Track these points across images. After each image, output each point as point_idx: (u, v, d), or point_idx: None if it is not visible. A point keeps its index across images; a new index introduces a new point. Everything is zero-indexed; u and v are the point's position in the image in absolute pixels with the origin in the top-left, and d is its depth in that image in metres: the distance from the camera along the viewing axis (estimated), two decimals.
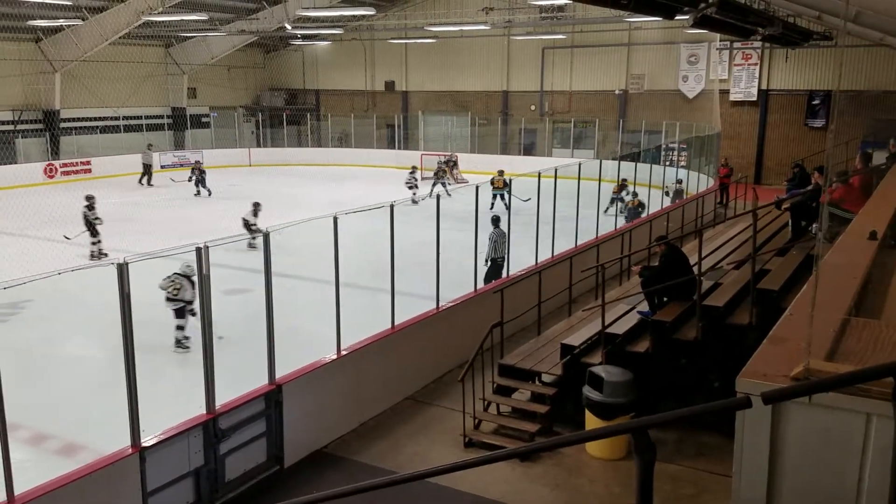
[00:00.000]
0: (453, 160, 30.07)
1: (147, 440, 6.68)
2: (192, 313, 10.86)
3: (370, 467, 8.18)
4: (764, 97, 30.35)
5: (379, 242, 9.80)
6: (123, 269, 6.27)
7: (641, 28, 30.82)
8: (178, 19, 28.96)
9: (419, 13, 34.22)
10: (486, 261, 12.99)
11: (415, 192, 22.94)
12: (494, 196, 21.53)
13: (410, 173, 25.21)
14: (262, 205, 17.96)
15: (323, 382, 8.65)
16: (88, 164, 30.63)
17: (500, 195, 21.40)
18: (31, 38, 29.43)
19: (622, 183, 20.84)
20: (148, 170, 29.38)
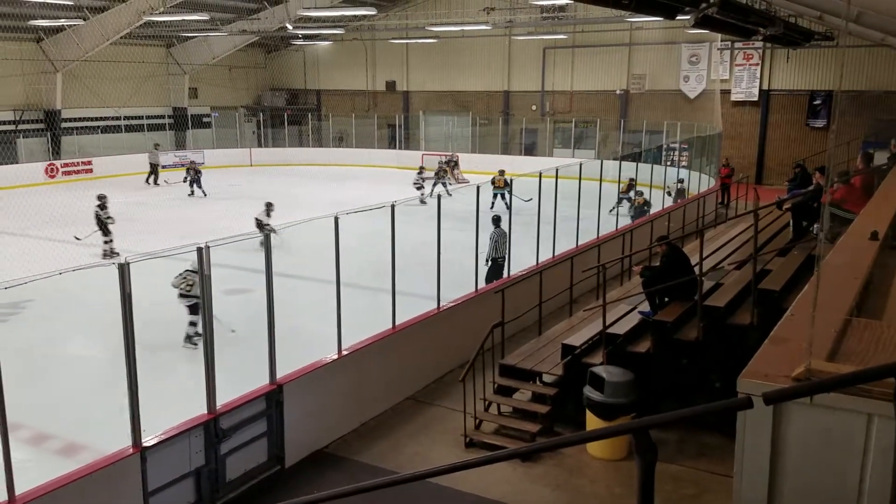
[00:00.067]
0: (454, 160, 30.11)
1: (148, 440, 6.68)
2: None
3: (371, 467, 8.18)
4: (765, 97, 30.33)
5: (380, 242, 9.79)
6: (124, 269, 6.29)
7: (643, 28, 30.84)
8: (179, 19, 28.98)
9: (420, 13, 34.21)
10: (487, 260, 12.99)
11: (423, 192, 23.12)
12: (495, 195, 21.57)
13: (418, 174, 25.44)
14: (274, 205, 18.05)
15: (324, 382, 8.65)
16: (90, 164, 30.65)
17: (501, 194, 21.44)
18: (33, 38, 29.46)
19: (630, 183, 20.88)
20: (155, 169, 29.45)
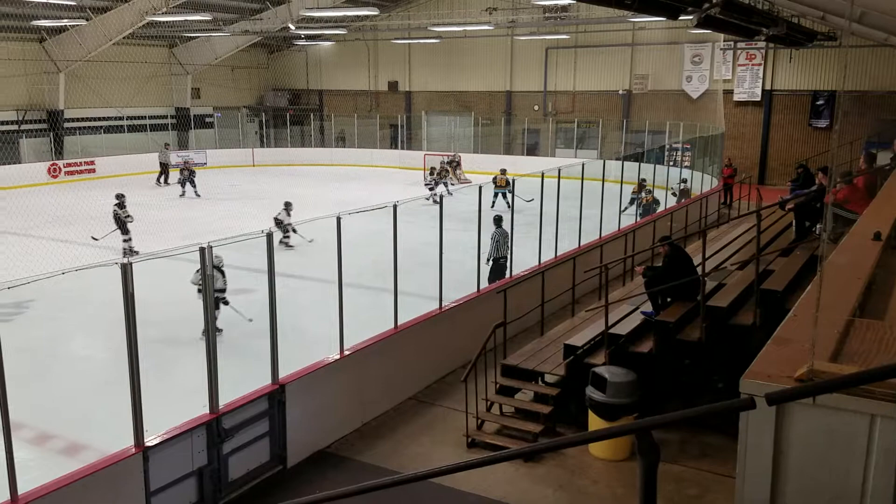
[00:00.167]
0: (456, 160, 30.13)
1: (150, 440, 6.68)
2: (225, 302, 11.34)
3: (373, 467, 8.18)
4: (768, 97, 30.27)
5: (383, 242, 9.81)
6: (127, 269, 6.29)
7: (645, 28, 30.81)
8: (181, 19, 28.99)
9: (422, 13, 34.20)
10: (488, 260, 12.98)
11: (434, 192, 23.25)
12: (496, 194, 21.59)
13: (430, 174, 25.68)
14: (293, 204, 18.12)
15: (326, 382, 8.65)
16: (92, 164, 30.68)
17: (502, 193, 21.46)
18: (36, 39, 29.51)
19: (641, 182, 20.93)
20: (165, 169, 29.44)
